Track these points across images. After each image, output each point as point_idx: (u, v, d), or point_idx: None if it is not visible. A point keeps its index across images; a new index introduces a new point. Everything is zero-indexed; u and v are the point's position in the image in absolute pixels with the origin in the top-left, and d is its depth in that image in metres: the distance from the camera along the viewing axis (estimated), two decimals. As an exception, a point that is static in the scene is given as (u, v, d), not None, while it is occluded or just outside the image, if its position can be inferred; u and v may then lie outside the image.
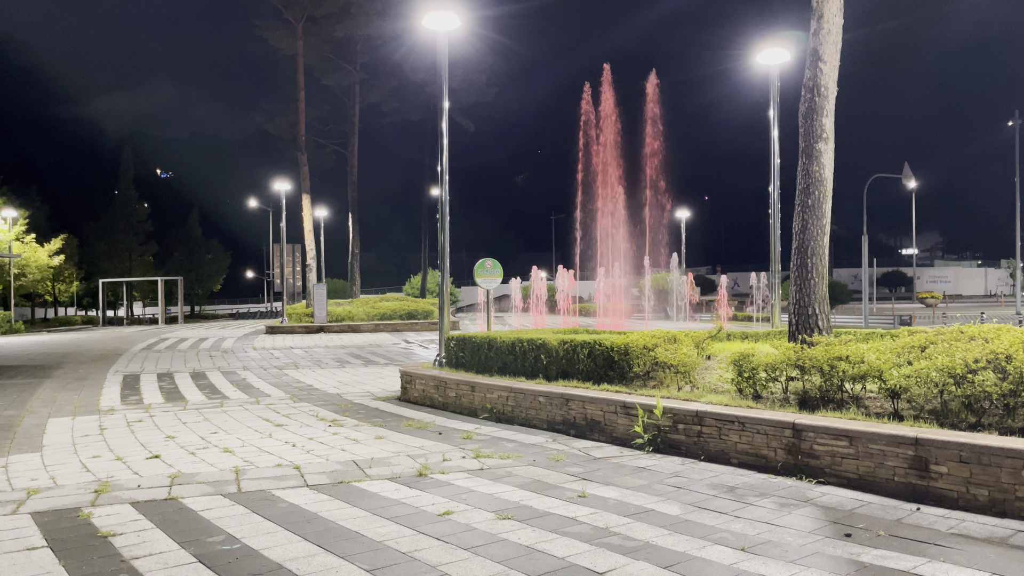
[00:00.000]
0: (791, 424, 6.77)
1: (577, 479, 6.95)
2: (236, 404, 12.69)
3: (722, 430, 7.37)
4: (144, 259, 56.73)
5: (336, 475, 7.28)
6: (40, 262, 40.64)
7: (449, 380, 11.54)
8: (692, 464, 7.39)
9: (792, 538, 5.13)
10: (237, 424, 10.61)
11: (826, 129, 8.59)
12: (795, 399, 7.56)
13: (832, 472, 6.47)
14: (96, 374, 17.15)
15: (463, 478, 7.08)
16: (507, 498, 6.31)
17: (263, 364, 19.53)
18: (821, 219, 8.58)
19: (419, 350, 23.65)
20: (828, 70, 8.58)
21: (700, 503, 6.04)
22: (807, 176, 8.63)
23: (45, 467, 7.98)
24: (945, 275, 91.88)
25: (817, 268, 8.55)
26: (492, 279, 14.46)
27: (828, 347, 7.32)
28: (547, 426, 9.51)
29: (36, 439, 9.69)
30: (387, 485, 6.86)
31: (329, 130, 45.51)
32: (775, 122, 15.08)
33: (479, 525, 5.56)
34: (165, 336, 29.39)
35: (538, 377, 10.39)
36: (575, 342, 9.93)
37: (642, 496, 6.28)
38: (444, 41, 13.41)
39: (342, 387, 14.88)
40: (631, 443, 8.23)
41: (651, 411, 8.01)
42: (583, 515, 5.75)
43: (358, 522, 5.70)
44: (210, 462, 8.03)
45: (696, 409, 7.61)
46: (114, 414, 11.75)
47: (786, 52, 14.71)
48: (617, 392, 8.84)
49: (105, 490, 6.80)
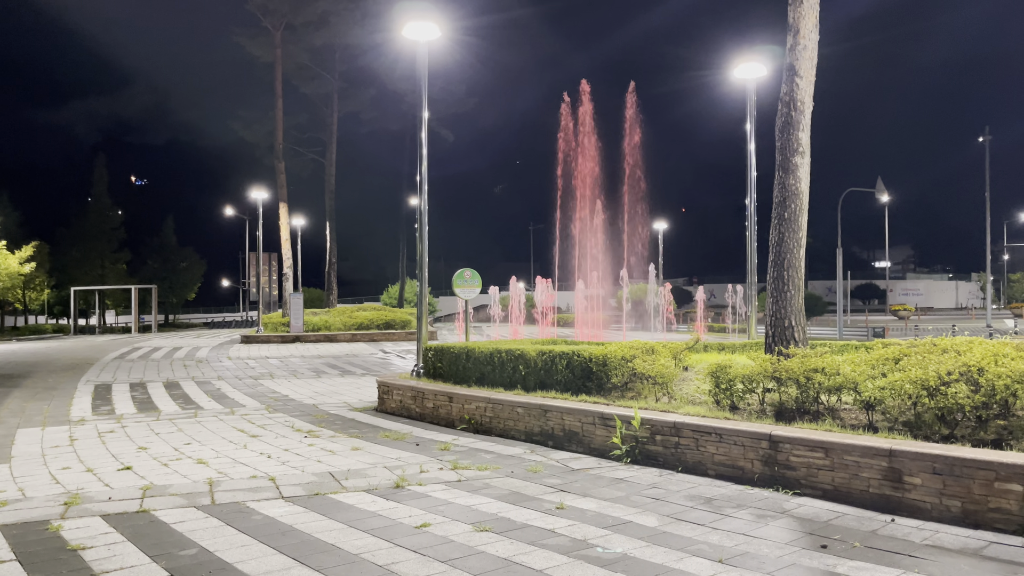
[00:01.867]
0: (768, 435, 6.81)
1: (555, 491, 6.94)
2: (210, 415, 12.52)
3: (699, 441, 7.39)
4: (117, 267, 55.93)
5: (312, 487, 7.21)
6: (10, 270, 39.94)
7: (427, 391, 11.49)
8: (670, 475, 7.40)
9: (769, 549, 5.15)
10: (211, 435, 10.47)
11: (802, 143, 8.70)
12: (772, 410, 7.61)
13: (808, 483, 6.51)
14: (67, 384, 16.86)
15: (440, 490, 7.03)
16: (485, 510, 6.28)
17: (238, 374, 19.31)
18: (797, 232, 8.67)
19: (396, 360, 23.54)
20: (804, 85, 8.69)
21: (678, 515, 6.05)
22: (783, 189, 8.72)
23: (14, 479, 7.81)
24: (917, 288, 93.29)
25: (793, 280, 8.63)
26: (471, 289, 14.43)
27: (804, 359, 7.39)
28: (525, 437, 9.49)
29: (4, 450, 9.49)
30: (364, 497, 6.79)
31: (307, 138, 45.29)
32: (752, 135, 15.24)
33: (456, 537, 5.52)
34: (138, 345, 28.98)
35: (516, 388, 10.36)
36: (553, 353, 9.93)
37: (620, 508, 6.28)
38: (424, 51, 13.41)
39: (318, 397, 14.75)
40: (609, 454, 8.23)
41: (629, 422, 8.02)
42: (561, 527, 5.73)
43: (334, 535, 5.64)
44: (183, 473, 7.91)
45: (674, 420, 7.63)
46: (85, 425, 11.55)
47: (763, 67, 14.89)
48: (595, 403, 8.85)
49: (75, 502, 6.67)
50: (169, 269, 57.97)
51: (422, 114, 13.60)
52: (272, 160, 42.92)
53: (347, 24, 37.76)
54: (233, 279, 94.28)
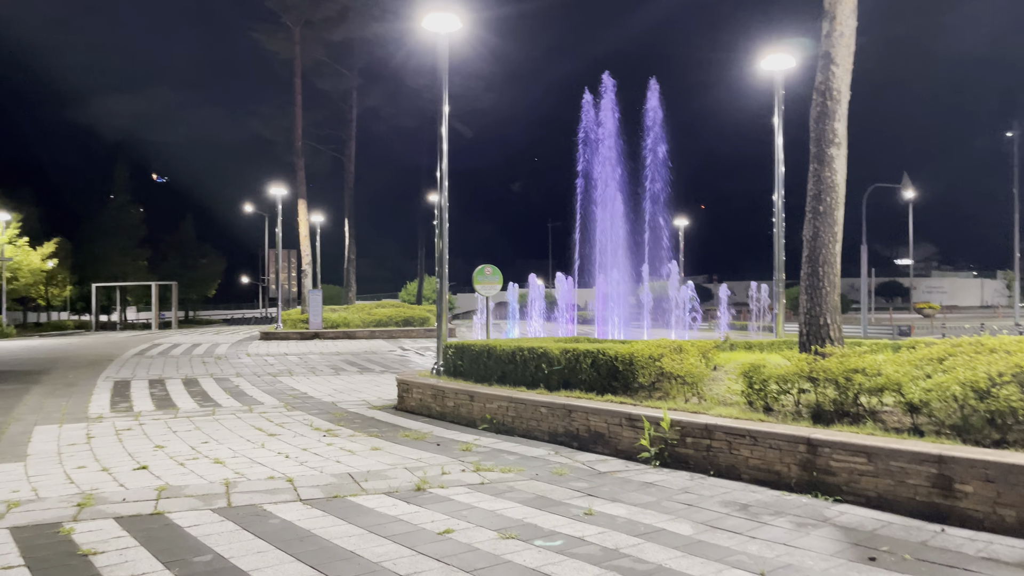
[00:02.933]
0: (806, 439, 6.50)
1: (582, 495, 6.67)
2: (228, 412, 12.37)
3: (733, 444, 7.09)
4: (138, 263, 56.28)
5: (331, 489, 6.99)
6: (33, 266, 40.26)
7: (447, 389, 11.25)
8: (701, 480, 7.11)
9: (813, 561, 4.85)
10: (229, 433, 10.30)
11: (838, 134, 8.35)
12: (808, 412, 7.29)
13: (850, 490, 6.19)
14: (86, 380, 16.80)
15: (463, 493, 6.79)
16: (510, 515, 6.02)
17: (257, 371, 19.20)
18: (833, 226, 8.33)
19: (415, 357, 23.35)
20: (841, 73, 8.35)
21: (713, 522, 5.76)
22: (819, 182, 8.38)
23: (28, 478, 7.67)
24: (941, 286, 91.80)
25: (828, 277, 8.29)
26: (492, 286, 14.17)
27: (843, 359, 7.06)
28: (549, 438, 9.22)
29: (21, 448, 9.37)
30: (384, 500, 6.56)
31: (326, 135, 45.24)
32: (779, 129, 14.84)
33: (481, 545, 5.27)
34: (158, 342, 29.02)
35: (539, 387, 10.10)
36: (578, 351, 9.66)
37: (651, 514, 6.00)
38: (444, 43, 13.16)
39: (337, 395, 14.57)
40: (637, 457, 7.95)
41: (658, 424, 7.73)
42: (591, 535, 5.47)
43: (354, 541, 5.41)
44: (200, 474, 7.73)
45: (705, 422, 7.34)
46: (103, 422, 11.43)
47: (791, 57, 14.50)
48: (622, 403, 8.56)
49: (89, 504, 6.50)
50: (189, 266, 58.24)
51: (442, 108, 13.34)
52: (291, 157, 42.95)
53: (365, 20, 37.64)
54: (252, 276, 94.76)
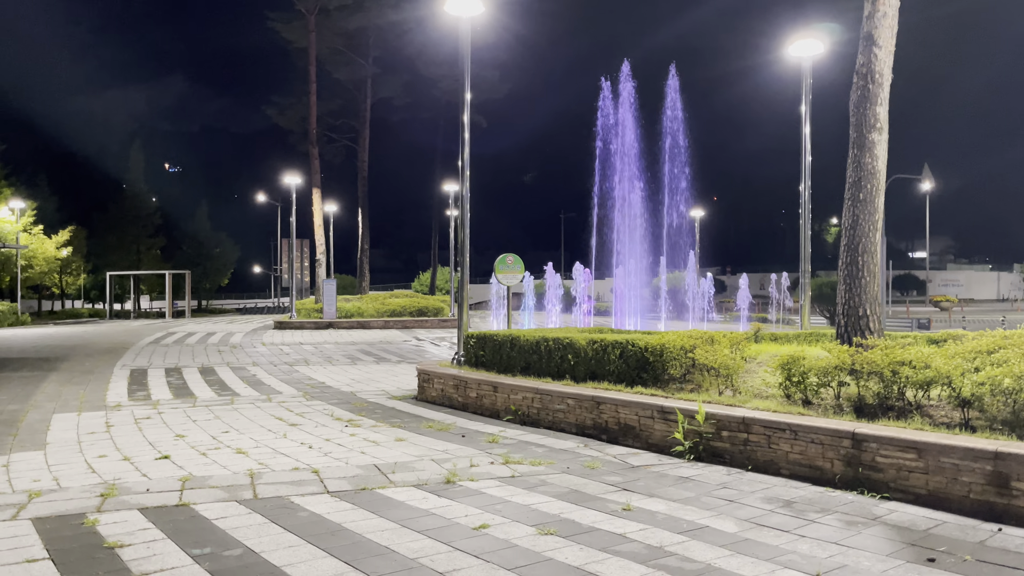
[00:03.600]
0: (850, 433, 6.27)
1: (618, 489, 6.47)
2: (247, 401, 12.24)
3: (771, 438, 6.87)
4: (152, 252, 56.35)
5: (358, 481, 6.81)
6: (47, 254, 40.34)
7: (470, 380, 11.07)
8: (739, 474, 6.89)
9: (870, 562, 4.63)
10: (249, 423, 10.15)
11: (880, 118, 8.08)
12: (849, 406, 7.05)
13: (898, 487, 5.96)
14: (103, 368, 16.72)
15: (495, 486, 6.59)
16: (546, 510, 5.83)
17: (273, 360, 19.08)
18: (874, 214, 8.07)
19: (431, 347, 23.20)
20: (883, 55, 8.07)
21: (757, 519, 5.55)
22: (859, 168, 8.12)
23: (48, 467, 7.53)
24: (957, 279, 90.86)
25: (868, 266, 8.04)
26: (513, 275, 13.95)
27: (888, 351, 6.82)
28: (576, 430, 9.02)
29: (40, 436, 9.26)
30: (414, 493, 6.38)
31: (340, 124, 45.06)
32: (807, 118, 14.51)
33: (520, 541, 5.08)
34: (172, 330, 28.98)
35: (565, 378, 9.90)
36: (605, 342, 9.44)
37: (692, 510, 5.79)
38: (467, 27, 12.92)
39: (355, 385, 14.42)
40: (670, 450, 7.73)
41: (692, 417, 7.52)
42: (632, 531, 5.26)
43: (387, 535, 5.22)
44: (223, 464, 7.57)
45: (743, 415, 7.11)
46: (121, 410, 11.31)
47: (819, 43, 14.16)
48: (653, 395, 8.35)
49: (112, 494, 6.35)
50: (203, 255, 58.23)
51: (465, 96, 13.11)
52: (305, 146, 42.79)
53: (381, 7, 37.38)
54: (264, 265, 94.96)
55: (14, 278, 38.38)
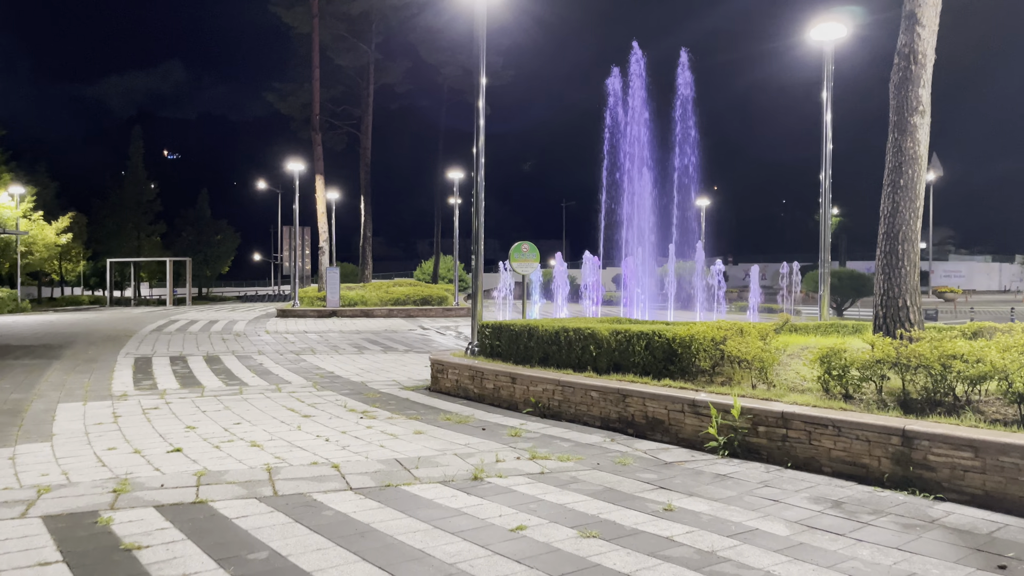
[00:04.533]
0: (900, 430, 5.97)
1: (654, 487, 6.18)
2: (256, 391, 11.94)
3: (812, 434, 6.58)
4: (152, 239, 55.97)
5: (381, 476, 6.52)
6: (47, 240, 39.96)
7: (486, 371, 10.77)
8: (779, 472, 6.60)
9: (939, 570, 4.35)
10: (261, 414, 9.86)
11: (923, 101, 7.76)
12: (893, 401, 6.76)
13: (952, 487, 5.68)
14: (106, 356, 16.43)
15: (525, 483, 6.31)
16: (582, 510, 5.54)
17: (278, 349, 18.79)
18: (915, 201, 7.76)
19: (437, 336, 22.90)
20: (927, 35, 7.74)
21: (807, 521, 5.26)
22: (899, 153, 7.80)
23: (56, 460, 7.24)
24: (959, 270, 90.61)
25: (908, 255, 7.73)
26: (529, 264, 13.62)
27: (936, 343, 6.52)
28: (600, 423, 8.74)
29: (46, 427, 8.96)
30: (441, 490, 6.09)
31: (342, 111, 44.45)
32: (828, 104, 14.13)
33: (562, 544, 4.79)
34: (174, 318, 28.66)
35: (586, 370, 9.60)
36: (630, 333, 9.14)
37: (736, 511, 5.51)
38: (482, 9, 12.55)
39: (365, 374, 14.13)
40: (703, 446, 7.45)
41: (726, 411, 7.23)
42: (679, 534, 4.98)
43: (420, 537, 4.94)
44: (238, 458, 7.28)
45: (781, 410, 6.82)
46: (128, 400, 11.02)
47: (842, 27, 13.78)
48: (682, 389, 8.05)
49: (125, 490, 6.06)
50: (204, 242, 57.90)
51: (479, 80, 12.75)
52: (307, 133, 42.27)
53: (385, -8, 36.80)
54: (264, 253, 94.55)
55: (14, 264, 38.02)
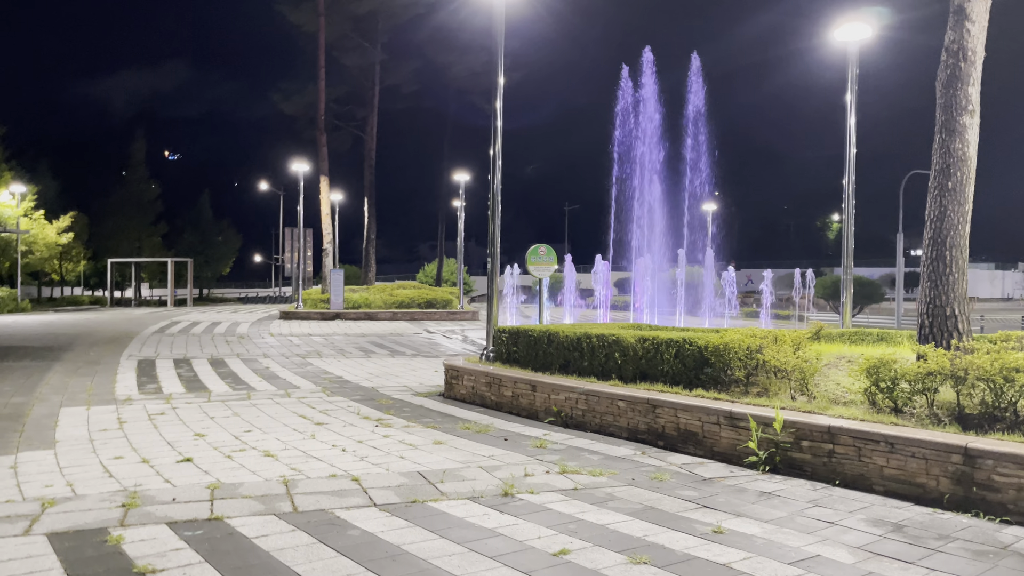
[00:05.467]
0: (962, 448, 5.61)
1: (698, 506, 5.81)
2: (265, 396, 11.57)
3: (862, 451, 6.21)
4: (153, 239, 55.48)
5: (405, 491, 6.15)
6: (48, 239, 39.56)
7: (504, 377, 10.40)
8: (827, 490, 6.24)
9: (1028, 606, 3.99)
10: (271, 421, 9.49)
11: (972, 100, 7.42)
12: (947, 416, 6.40)
13: (1019, 510, 5.31)
14: (108, 358, 16.05)
15: (559, 501, 5.94)
16: (626, 531, 5.17)
17: (283, 352, 18.42)
18: (963, 205, 7.41)
19: (444, 340, 22.53)
20: (976, 31, 7.40)
21: (870, 547, 4.90)
22: (947, 155, 7.45)
23: (60, 469, 6.87)
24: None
25: (957, 262, 7.38)
26: (546, 267, 13.27)
27: (996, 355, 6.16)
28: (628, 435, 8.37)
29: (48, 433, 8.59)
30: (471, 508, 5.72)
31: (347, 111, 44.16)
32: (852, 107, 13.78)
33: (611, 572, 4.42)
34: (176, 319, 28.29)
35: (611, 378, 9.24)
36: (658, 340, 8.78)
37: (791, 534, 5.14)
38: (501, 5, 12.20)
39: (374, 379, 13.76)
40: (741, 461, 7.08)
41: (767, 424, 6.86)
42: (736, 561, 4.61)
43: (456, 562, 4.57)
44: (251, 469, 6.91)
45: (828, 424, 6.46)
46: (132, 404, 10.65)
47: (868, 27, 13.43)
48: (716, 400, 7.69)
49: (134, 504, 5.69)
50: (205, 243, 57.44)
51: (497, 79, 12.35)
52: (311, 133, 41.94)
53: (392, -9, 36.50)
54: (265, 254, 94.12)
55: (14, 264, 37.62)
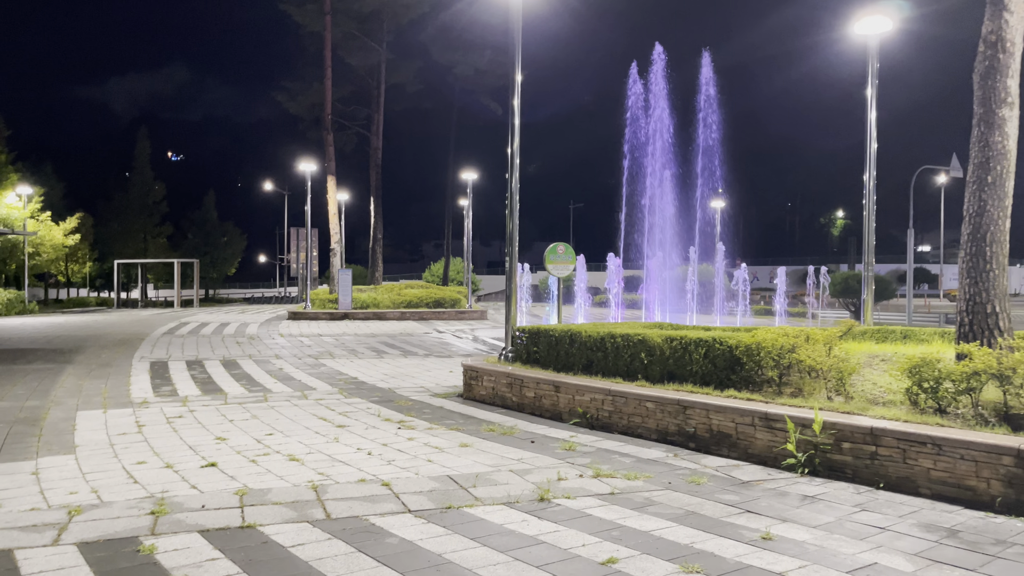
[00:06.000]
0: (1015, 450, 5.45)
1: (740, 511, 5.65)
2: (282, 398, 11.43)
3: (907, 453, 6.05)
4: (159, 240, 55.53)
5: (438, 496, 6.00)
6: (55, 241, 39.51)
7: (526, 378, 10.25)
8: (871, 493, 6.07)
9: (1106, 616, 3.83)
10: (292, 423, 9.35)
11: (1011, 92, 7.24)
12: (993, 416, 6.24)
13: (1077, 513, 5.15)
14: (121, 360, 15.93)
15: (597, 506, 5.78)
16: (672, 538, 5.02)
17: (295, 352, 18.29)
18: (1003, 199, 7.24)
19: (454, 340, 22.39)
20: (1015, 21, 7.22)
21: (927, 553, 4.74)
22: (986, 148, 7.28)
23: (83, 475, 6.74)
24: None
25: (997, 258, 7.21)
26: (565, 266, 13.10)
27: (1046, 354, 5.99)
28: (657, 436, 8.21)
29: (67, 437, 8.46)
30: (509, 514, 5.57)
31: (351, 111, 43.99)
32: (872, 102, 13.59)
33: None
34: (184, 320, 28.18)
35: (637, 378, 9.08)
36: (687, 340, 8.62)
37: (843, 540, 4.98)
38: (518, 1, 12.03)
39: (390, 380, 13.61)
40: (778, 463, 6.92)
41: (805, 425, 6.70)
42: (792, 570, 4.45)
43: (503, 571, 4.42)
44: (278, 474, 6.77)
45: (870, 425, 6.29)
46: (149, 407, 10.52)
47: (888, 20, 13.25)
48: (750, 400, 7.53)
49: (163, 511, 5.55)
50: (211, 244, 57.43)
51: (515, 76, 12.17)
52: (316, 133, 41.83)
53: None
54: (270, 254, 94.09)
55: (20, 265, 37.56)
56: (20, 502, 5.86)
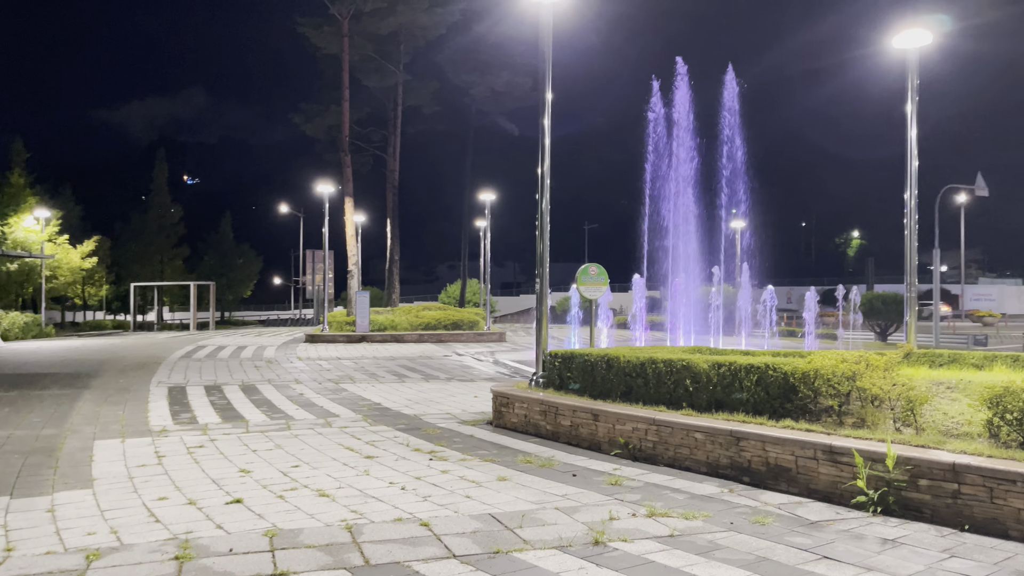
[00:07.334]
0: (1124, 491, 4.94)
1: (816, 556, 5.16)
2: (305, 426, 11.01)
3: (995, 492, 5.54)
4: (175, 263, 55.52)
5: (483, 539, 5.54)
6: (73, 264, 39.48)
7: (561, 405, 9.78)
8: (956, 537, 5.56)
9: None
10: (318, 454, 8.91)
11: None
12: (1087, 452, 5.72)
13: None
14: (138, 385, 15.58)
15: (658, 551, 5.30)
16: (749, 590, 4.54)
17: (315, 377, 17.89)
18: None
19: (475, 363, 21.95)
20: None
21: (1040, 609, 4.23)
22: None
23: (102, 513, 6.32)
24: (989, 293, 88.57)
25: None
26: (597, 288, 12.68)
27: None
28: (707, 469, 7.72)
29: (84, 469, 8.07)
30: (563, 560, 5.10)
31: (368, 133, 43.98)
32: (913, 118, 13.14)
33: (754, 645, 3.79)
34: (201, 343, 27.88)
35: (681, 406, 8.60)
36: (736, 365, 8.14)
37: (940, 592, 4.48)
38: (548, 14, 11.71)
39: (415, 406, 13.17)
40: (846, 501, 6.41)
41: (875, 460, 6.20)
42: (895, 630, 3.96)
43: (569, 632, 3.95)
44: (308, 511, 6.33)
45: (952, 461, 5.79)
46: (168, 436, 10.12)
47: (928, 32, 12.83)
48: (809, 431, 7.04)
49: (188, 556, 5.12)
50: (227, 265, 57.37)
51: (545, 96, 11.80)
52: (333, 155, 41.83)
53: (415, 11, 36.34)
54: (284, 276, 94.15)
55: (37, 289, 37.50)
56: (35, 544, 5.46)
